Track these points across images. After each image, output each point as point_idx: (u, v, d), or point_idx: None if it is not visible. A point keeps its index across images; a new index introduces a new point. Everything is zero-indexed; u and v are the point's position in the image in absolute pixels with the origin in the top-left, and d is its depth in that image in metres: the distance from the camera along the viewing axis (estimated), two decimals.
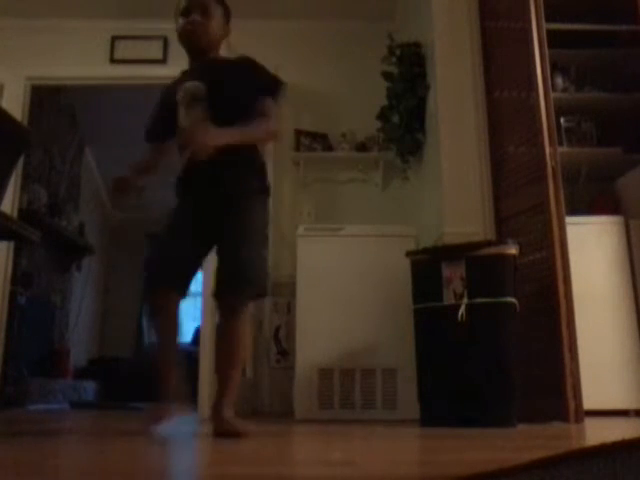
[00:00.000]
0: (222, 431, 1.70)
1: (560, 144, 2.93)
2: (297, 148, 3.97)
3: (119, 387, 5.80)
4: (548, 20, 2.78)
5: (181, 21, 2.00)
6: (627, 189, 3.18)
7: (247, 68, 1.99)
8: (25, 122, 4.02)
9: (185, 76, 2.02)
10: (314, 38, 4.22)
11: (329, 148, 3.97)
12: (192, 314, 7.51)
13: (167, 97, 2.05)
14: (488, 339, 2.26)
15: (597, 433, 2.05)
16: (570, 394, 2.36)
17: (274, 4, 4.09)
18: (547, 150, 2.61)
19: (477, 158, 2.98)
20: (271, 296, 3.78)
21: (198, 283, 8.48)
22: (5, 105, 3.78)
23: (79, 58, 4.20)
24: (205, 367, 2.83)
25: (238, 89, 1.92)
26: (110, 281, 7.35)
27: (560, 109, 3.04)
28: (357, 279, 3.00)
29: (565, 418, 2.33)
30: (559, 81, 3.31)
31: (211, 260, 1.96)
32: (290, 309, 3.69)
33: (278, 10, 4.13)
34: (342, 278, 2.99)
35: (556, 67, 3.22)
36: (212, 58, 2.03)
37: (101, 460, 1.20)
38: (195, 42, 1.99)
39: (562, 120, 3.24)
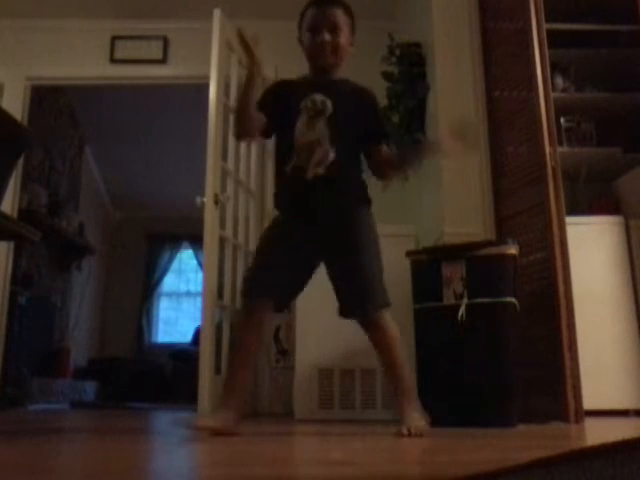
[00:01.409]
0: (410, 432, 1.69)
1: (560, 144, 2.93)
2: None
3: (119, 387, 5.81)
4: (548, 20, 2.78)
5: (309, 37, 1.94)
6: (627, 189, 3.18)
7: (371, 106, 1.98)
8: (25, 122, 4.02)
9: (309, 85, 1.96)
10: None
11: None
12: (192, 314, 7.53)
13: (287, 97, 1.97)
14: (488, 339, 2.26)
15: (597, 433, 2.05)
16: (570, 394, 2.36)
17: (274, 4, 4.09)
18: (547, 150, 2.61)
19: (477, 158, 2.98)
20: None
21: (198, 283, 8.44)
22: (5, 105, 3.78)
23: (79, 58, 4.20)
24: (205, 367, 2.83)
25: (357, 119, 1.91)
26: (110, 281, 7.35)
27: (560, 109, 3.04)
28: None
29: (565, 418, 2.33)
30: (559, 81, 3.30)
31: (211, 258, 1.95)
32: (290, 309, 3.69)
33: (278, 10, 4.13)
34: None
35: (556, 67, 3.22)
36: (341, 79, 1.98)
37: (101, 460, 1.20)
38: (323, 61, 1.94)
39: (562, 120, 3.24)
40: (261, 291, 1.83)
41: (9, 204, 3.82)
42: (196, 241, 7.05)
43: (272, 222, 1.97)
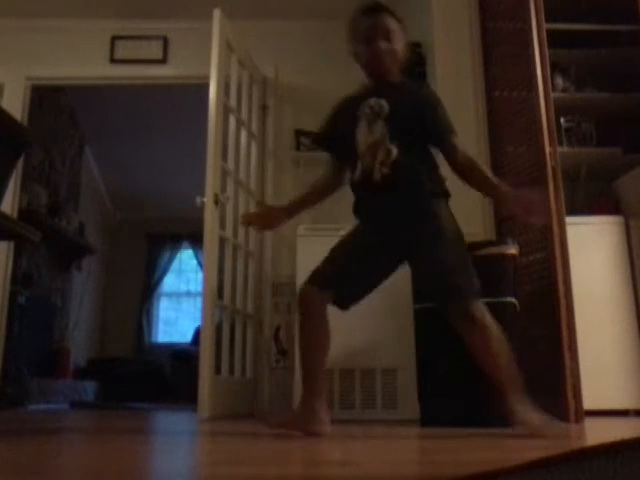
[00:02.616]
0: (532, 432, 1.66)
1: (560, 144, 2.92)
2: (297, 148, 3.97)
3: (119, 387, 5.80)
4: (548, 20, 2.77)
5: (364, 47, 1.95)
6: (627, 189, 3.17)
7: (429, 102, 1.94)
8: (25, 122, 4.02)
9: (366, 92, 1.98)
10: (314, 38, 4.21)
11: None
12: (192, 314, 7.53)
13: (345, 109, 2.00)
14: None
15: (597, 433, 2.04)
16: (570, 394, 2.36)
17: (274, 4, 4.09)
18: (547, 150, 2.61)
19: (477, 158, 2.98)
20: (271, 296, 3.79)
21: (198, 283, 8.44)
22: (5, 105, 3.77)
23: (79, 58, 4.19)
24: (205, 367, 2.82)
25: (415, 116, 1.90)
26: (110, 281, 7.34)
27: (560, 109, 3.04)
28: None
29: (565, 418, 2.33)
30: (559, 81, 3.30)
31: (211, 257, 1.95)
32: (290, 309, 3.69)
33: (278, 10, 4.13)
34: None
35: (556, 67, 3.21)
36: (398, 81, 1.99)
37: (101, 460, 1.20)
38: (380, 69, 1.95)
39: (562, 120, 3.24)
40: (319, 280, 1.85)
41: (9, 204, 3.82)
42: (196, 241, 7.05)
43: (352, 228, 1.98)
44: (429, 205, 1.87)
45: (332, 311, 3.03)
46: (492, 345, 1.77)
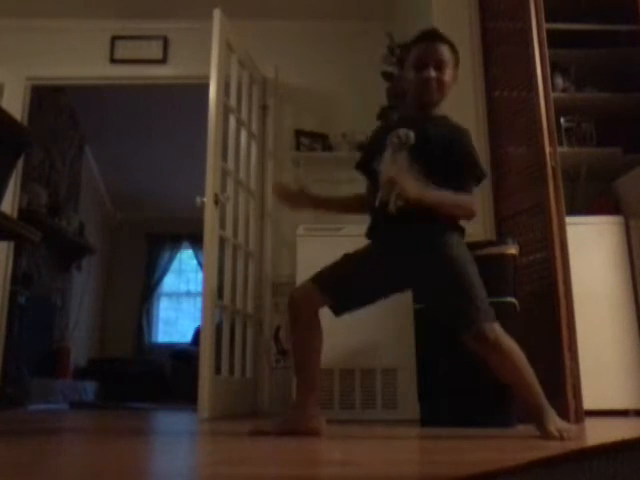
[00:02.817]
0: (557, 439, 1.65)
1: (560, 144, 2.92)
2: (297, 148, 3.97)
3: (119, 387, 5.80)
4: (548, 20, 2.77)
5: (413, 73, 1.91)
6: (627, 189, 3.17)
7: (463, 143, 1.91)
8: (25, 122, 4.02)
9: (399, 120, 2.00)
10: (314, 38, 4.21)
11: (329, 148, 3.98)
12: (192, 314, 7.53)
13: (380, 137, 1.98)
14: None
15: (597, 433, 2.05)
16: (570, 394, 2.36)
17: (274, 4, 4.09)
18: (547, 150, 2.61)
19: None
20: (271, 296, 3.79)
21: (198, 282, 8.44)
22: (5, 105, 3.77)
23: (79, 58, 4.20)
24: (205, 367, 2.82)
25: (443, 153, 1.86)
26: (110, 281, 7.35)
27: (560, 109, 3.04)
28: None
29: (565, 418, 2.33)
30: (559, 81, 3.30)
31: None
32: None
33: (278, 10, 4.13)
34: None
35: (556, 67, 3.21)
36: (436, 115, 1.95)
37: (101, 460, 1.20)
38: (427, 98, 1.92)
39: (562, 120, 3.24)
40: (323, 282, 1.85)
41: (9, 204, 3.82)
42: (196, 241, 7.05)
43: (367, 244, 1.96)
44: (442, 238, 1.84)
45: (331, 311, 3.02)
46: (510, 364, 1.76)
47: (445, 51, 1.91)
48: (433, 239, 1.83)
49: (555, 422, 1.72)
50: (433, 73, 1.88)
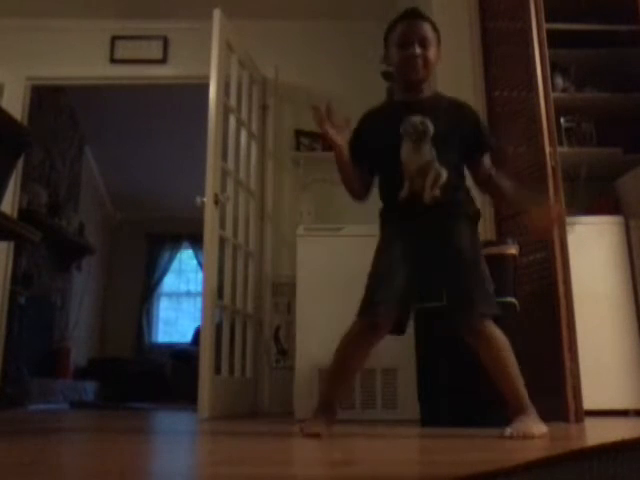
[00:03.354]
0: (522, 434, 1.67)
1: (560, 144, 2.93)
2: (297, 148, 3.97)
3: (119, 387, 5.80)
4: (548, 20, 2.77)
5: (398, 52, 1.92)
6: (627, 189, 3.17)
7: (471, 118, 1.95)
8: (25, 122, 4.02)
9: (402, 106, 1.94)
10: (314, 38, 4.22)
11: (329, 148, 3.97)
12: (192, 314, 7.53)
13: (377, 127, 1.95)
14: None
15: (597, 433, 2.05)
16: (570, 394, 2.36)
17: (274, 4, 4.09)
18: (547, 150, 2.61)
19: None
20: (271, 296, 3.79)
21: (198, 283, 8.43)
22: (5, 105, 3.77)
23: (79, 58, 4.20)
24: (205, 367, 2.82)
25: (458, 134, 1.90)
26: (110, 281, 7.35)
27: (560, 109, 3.04)
28: (357, 279, 2.99)
29: (565, 418, 2.33)
30: (559, 81, 3.30)
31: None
32: (290, 309, 3.69)
33: (278, 10, 4.13)
34: (342, 278, 2.99)
35: (556, 67, 3.22)
36: (433, 95, 1.97)
37: (101, 460, 1.20)
38: (414, 76, 1.92)
39: (562, 120, 3.24)
40: (383, 311, 1.81)
41: (9, 204, 3.82)
42: (196, 241, 7.05)
43: (380, 246, 1.93)
44: (467, 225, 1.90)
45: (332, 311, 3.03)
46: (501, 360, 1.79)
47: (428, 29, 1.93)
48: (459, 229, 1.88)
49: (533, 424, 1.73)
50: (418, 50, 1.89)
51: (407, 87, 1.96)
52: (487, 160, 1.95)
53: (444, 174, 1.84)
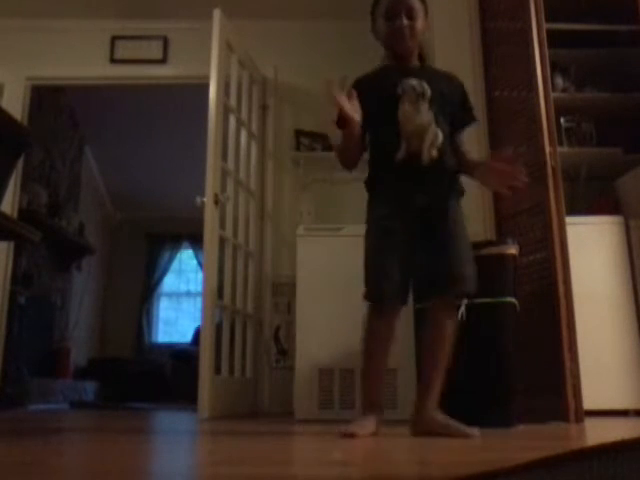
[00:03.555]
0: (426, 430, 1.75)
1: (560, 144, 2.93)
2: (297, 148, 3.97)
3: (119, 387, 5.80)
4: (548, 20, 2.77)
5: (385, 24, 1.94)
6: (627, 189, 3.17)
7: (461, 89, 2.02)
8: (25, 122, 4.02)
9: (396, 71, 1.95)
10: (314, 38, 4.21)
11: (329, 148, 3.97)
12: (192, 314, 7.53)
13: (371, 89, 1.92)
14: (488, 339, 2.26)
15: (597, 433, 2.05)
16: (570, 394, 2.36)
17: (274, 4, 4.09)
18: (547, 150, 2.61)
19: (477, 158, 2.98)
20: (271, 296, 3.79)
21: (198, 283, 8.43)
22: (5, 105, 3.77)
23: (79, 58, 4.19)
24: (205, 367, 2.82)
25: (451, 101, 1.95)
26: (110, 281, 7.35)
27: (560, 109, 3.04)
28: (357, 279, 2.99)
29: (565, 418, 2.33)
30: (559, 81, 3.30)
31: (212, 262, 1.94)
32: (290, 309, 3.69)
33: (278, 10, 4.13)
34: (342, 278, 2.99)
35: (556, 67, 3.22)
36: (425, 65, 2.01)
37: (101, 460, 1.20)
38: (403, 47, 1.95)
39: (562, 120, 3.24)
40: (390, 295, 1.85)
41: (9, 204, 3.82)
42: (196, 241, 7.05)
43: (374, 220, 1.94)
44: (458, 187, 1.95)
45: (332, 311, 3.03)
46: (444, 347, 1.85)
47: (415, 0, 1.94)
48: (453, 190, 1.92)
49: (435, 412, 1.83)
50: (405, 21, 1.91)
51: (396, 58, 1.99)
52: (464, 134, 2.00)
53: (441, 135, 1.86)
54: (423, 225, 1.88)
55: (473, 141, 2.98)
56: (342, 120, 1.78)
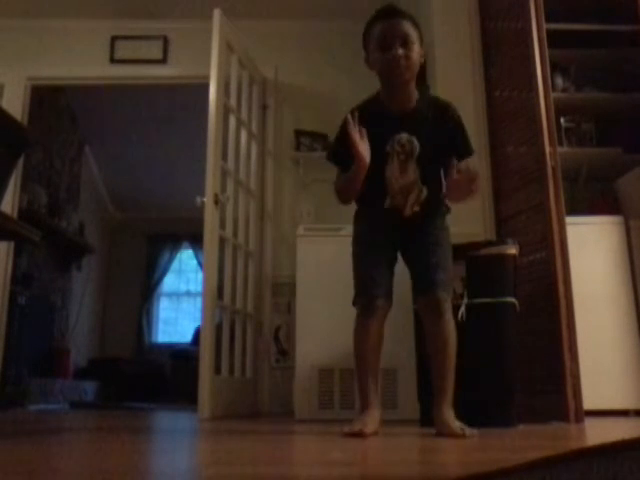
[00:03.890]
0: (444, 432, 1.75)
1: (560, 144, 2.93)
2: (297, 148, 3.97)
3: (119, 387, 5.81)
4: (548, 20, 2.77)
5: (379, 54, 1.87)
6: (627, 189, 3.17)
7: (454, 124, 1.93)
8: (25, 122, 4.02)
9: (389, 120, 1.91)
10: (314, 38, 4.21)
11: (329, 148, 3.98)
12: (192, 314, 7.53)
13: (367, 129, 1.88)
14: (488, 339, 2.26)
15: (597, 433, 2.04)
16: (570, 394, 2.36)
17: (274, 4, 4.09)
18: (547, 150, 2.61)
19: (477, 158, 2.98)
20: (271, 296, 3.79)
21: (198, 283, 8.43)
22: (5, 105, 3.78)
23: (79, 58, 4.20)
24: (205, 367, 2.82)
25: (441, 144, 1.91)
26: (110, 281, 7.35)
27: (560, 109, 3.04)
28: None
29: (565, 418, 2.33)
30: (559, 81, 3.30)
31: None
32: (290, 309, 3.69)
33: (278, 10, 4.13)
34: (342, 278, 2.98)
35: (556, 67, 3.22)
36: (420, 105, 1.91)
37: (101, 460, 1.20)
38: (398, 78, 1.87)
39: (562, 120, 3.24)
40: (378, 296, 1.90)
41: (9, 204, 3.82)
42: (196, 241, 7.05)
43: (358, 234, 2.03)
44: (440, 221, 1.99)
45: (332, 311, 3.03)
46: (448, 338, 1.86)
47: (409, 27, 1.85)
48: (433, 225, 1.97)
49: (452, 416, 1.81)
50: (400, 51, 1.83)
51: (392, 90, 1.93)
52: (464, 163, 1.92)
53: (425, 192, 1.90)
54: (404, 235, 1.98)
55: (473, 140, 2.98)
56: (355, 158, 1.82)
